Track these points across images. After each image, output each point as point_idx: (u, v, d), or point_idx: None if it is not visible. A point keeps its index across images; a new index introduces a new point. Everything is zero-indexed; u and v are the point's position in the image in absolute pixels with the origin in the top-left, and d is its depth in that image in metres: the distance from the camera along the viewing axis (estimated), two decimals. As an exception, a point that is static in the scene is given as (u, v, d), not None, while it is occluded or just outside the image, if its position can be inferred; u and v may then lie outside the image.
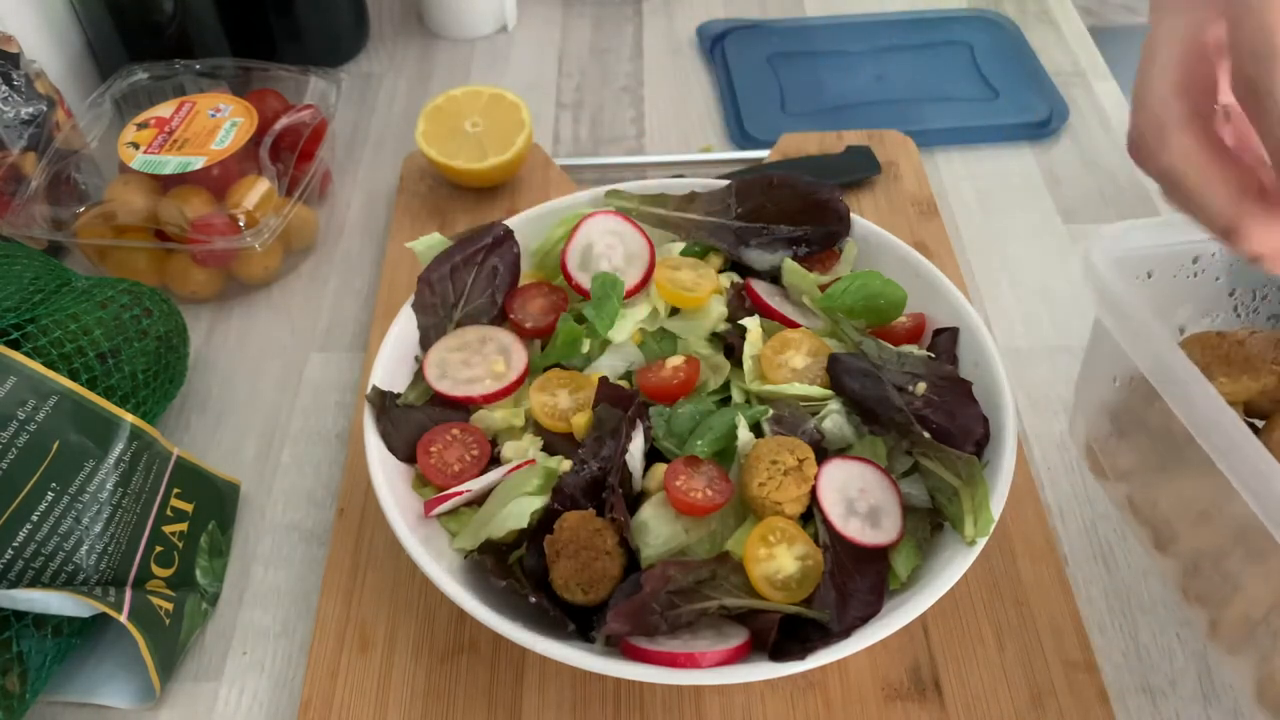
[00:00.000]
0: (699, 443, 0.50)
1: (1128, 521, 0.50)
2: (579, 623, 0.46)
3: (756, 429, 0.52)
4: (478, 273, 0.59)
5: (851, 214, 0.61)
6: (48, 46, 0.81)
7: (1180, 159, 0.36)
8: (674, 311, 0.59)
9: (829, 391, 0.53)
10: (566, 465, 0.50)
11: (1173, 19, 0.37)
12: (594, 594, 0.46)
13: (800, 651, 0.44)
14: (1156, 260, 0.45)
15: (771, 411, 0.52)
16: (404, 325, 0.57)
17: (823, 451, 0.51)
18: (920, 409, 0.51)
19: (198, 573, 0.56)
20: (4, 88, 0.70)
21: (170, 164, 0.69)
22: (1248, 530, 0.36)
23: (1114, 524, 0.58)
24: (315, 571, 0.58)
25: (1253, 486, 0.35)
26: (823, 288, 0.59)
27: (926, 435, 0.49)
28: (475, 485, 0.52)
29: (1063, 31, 0.96)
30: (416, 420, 0.54)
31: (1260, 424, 0.46)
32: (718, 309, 0.58)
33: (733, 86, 0.89)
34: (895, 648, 0.52)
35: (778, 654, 0.44)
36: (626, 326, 0.57)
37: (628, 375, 0.57)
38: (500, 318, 0.59)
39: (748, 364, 0.55)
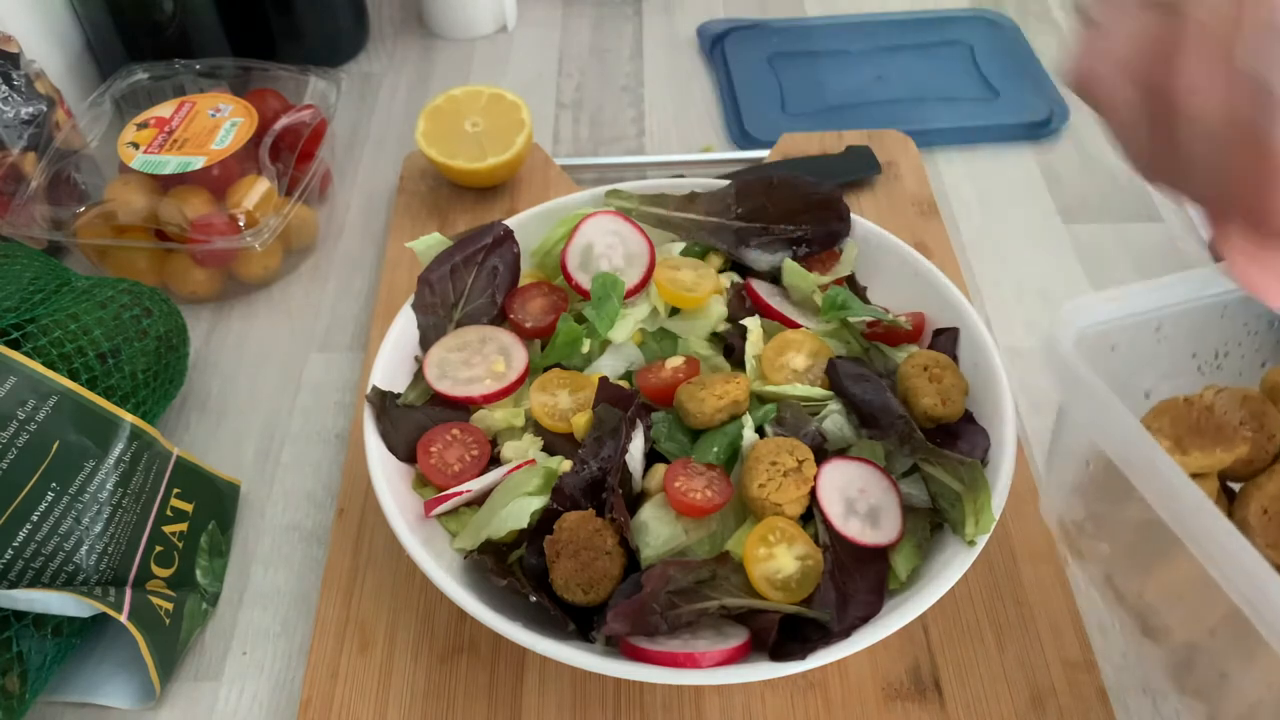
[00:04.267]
0: (714, 449, 0.50)
1: (1109, 607, 0.49)
2: (579, 623, 0.46)
3: (759, 429, 0.52)
4: (478, 273, 0.59)
5: (851, 214, 0.61)
6: (48, 46, 0.81)
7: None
8: (674, 311, 0.59)
9: (829, 392, 0.53)
10: (566, 465, 0.50)
11: None
12: (594, 594, 0.46)
13: (800, 651, 0.44)
14: (1120, 332, 0.44)
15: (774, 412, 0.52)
16: (404, 325, 0.57)
17: (823, 452, 0.51)
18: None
19: (198, 573, 0.56)
20: (4, 88, 0.70)
21: (170, 164, 0.69)
22: (1237, 622, 0.35)
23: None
24: (315, 571, 0.58)
25: (1233, 578, 0.34)
26: (823, 288, 0.59)
27: (928, 442, 0.49)
28: (475, 485, 0.52)
29: (1063, 31, 0.96)
30: (416, 420, 0.54)
31: (1237, 487, 0.46)
32: (718, 309, 0.58)
33: (733, 86, 0.89)
34: (895, 648, 0.52)
35: (778, 654, 0.44)
36: (626, 326, 0.57)
37: (628, 375, 0.57)
38: (500, 318, 0.60)
39: (749, 364, 0.55)
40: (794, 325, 0.57)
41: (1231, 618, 0.35)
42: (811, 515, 0.49)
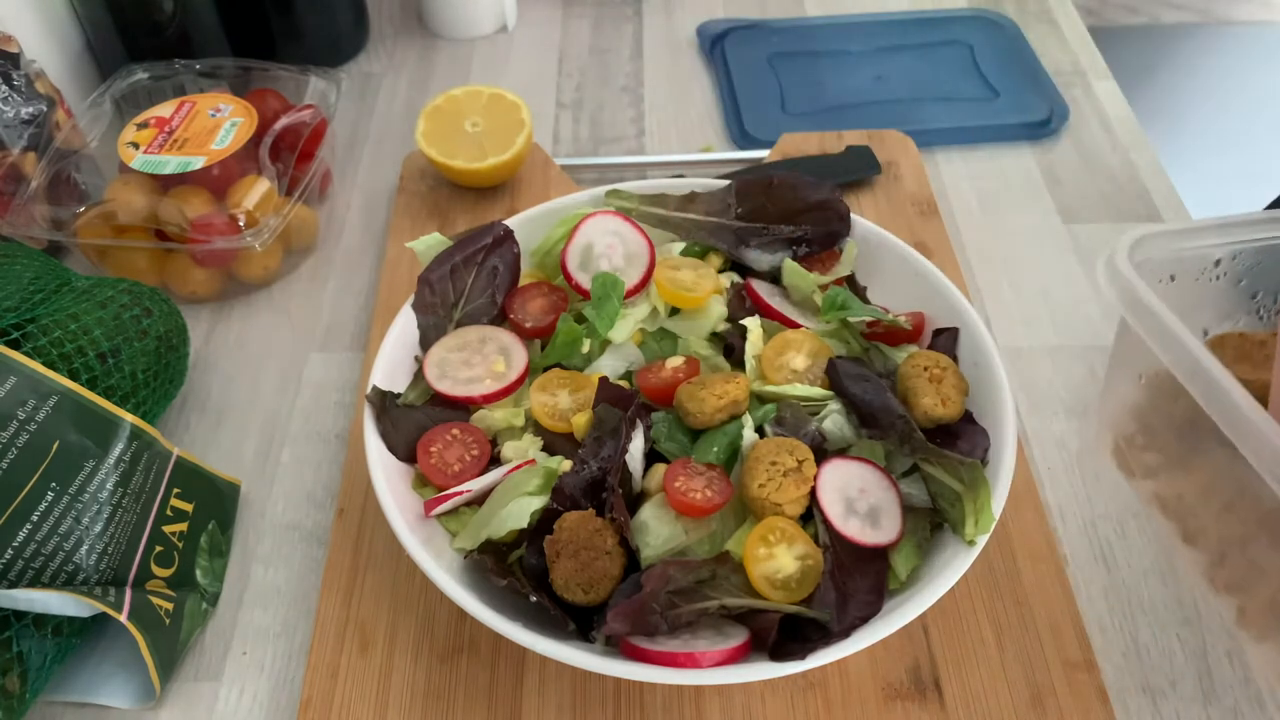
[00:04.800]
0: (714, 449, 0.50)
1: (1156, 518, 0.50)
2: (579, 623, 0.46)
3: (759, 429, 0.52)
4: (478, 272, 0.59)
5: (851, 214, 0.61)
6: (48, 46, 0.81)
7: None
8: (674, 311, 0.59)
9: (829, 392, 0.53)
10: (566, 465, 0.50)
11: None
12: (594, 594, 0.46)
13: (800, 651, 0.44)
14: (1177, 264, 0.45)
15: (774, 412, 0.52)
16: (404, 325, 0.57)
17: (822, 451, 0.51)
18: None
19: (198, 573, 0.56)
20: (4, 88, 0.70)
21: (170, 164, 0.69)
22: (1272, 515, 0.36)
23: (1114, 524, 0.58)
24: (315, 571, 0.58)
25: (1275, 470, 0.36)
26: (823, 288, 0.59)
27: (928, 442, 0.49)
28: (475, 485, 0.52)
29: (1063, 31, 0.96)
30: (416, 420, 0.54)
31: None
32: (718, 309, 0.58)
33: (733, 86, 0.89)
34: (895, 648, 0.52)
35: (778, 654, 0.44)
36: (626, 326, 0.57)
37: (628, 375, 0.57)
38: (500, 318, 0.60)
39: (749, 364, 0.55)
40: (794, 325, 0.57)
41: (1268, 510, 0.36)
42: (811, 515, 0.49)
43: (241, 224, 0.66)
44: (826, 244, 0.61)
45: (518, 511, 0.49)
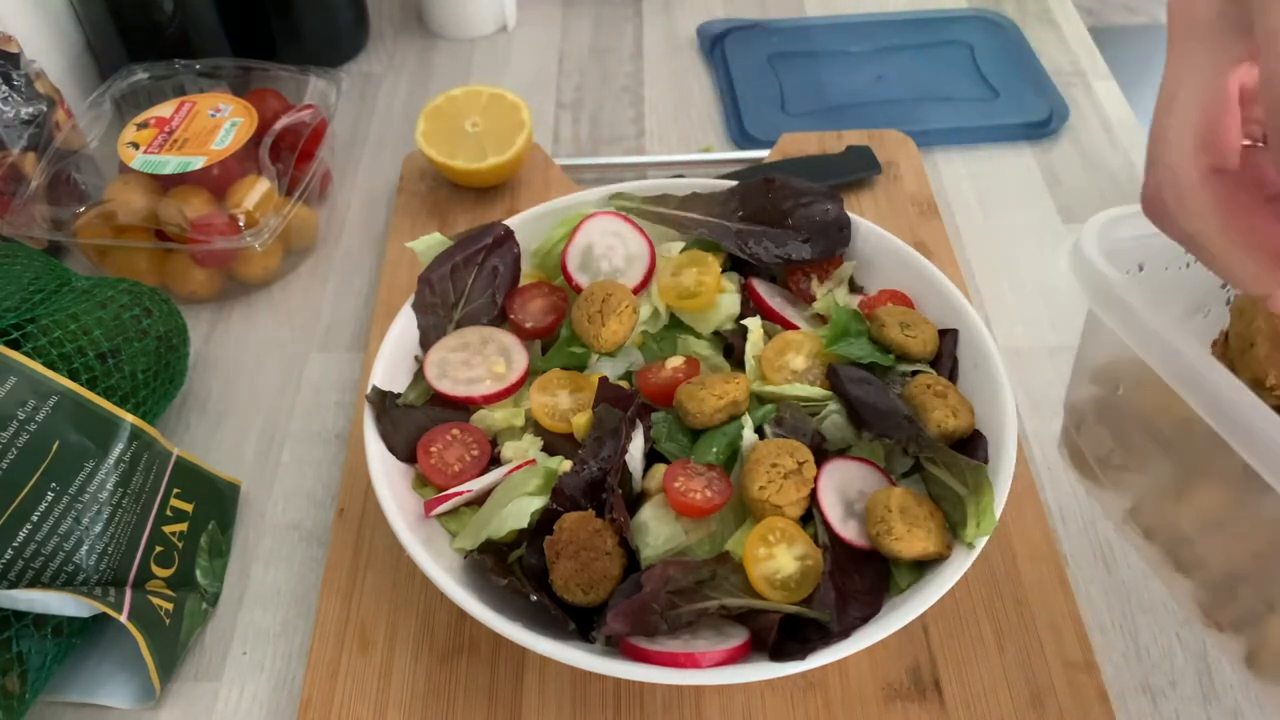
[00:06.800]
0: (714, 449, 0.50)
1: (1131, 540, 0.46)
2: (579, 623, 0.46)
3: (759, 429, 0.52)
4: (478, 273, 0.59)
5: (852, 215, 0.61)
6: (48, 46, 0.81)
7: (1202, 222, 0.32)
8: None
9: (829, 393, 0.53)
10: (566, 465, 0.50)
11: (1193, 58, 0.33)
12: (594, 594, 0.46)
13: (800, 651, 0.44)
14: (1147, 251, 0.41)
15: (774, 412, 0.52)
16: (404, 325, 0.57)
17: (822, 452, 0.51)
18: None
19: (198, 573, 0.56)
20: (4, 88, 0.70)
21: (170, 164, 0.69)
22: None
23: (1114, 524, 0.58)
24: (315, 571, 0.58)
25: None
26: (822, 277, 0.58)
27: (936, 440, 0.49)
28: (475, 485, 0.52)
29: (1063, 31, 0.96)
30: (416, 420, 0.54)
31: None
32: (729, 305, 0.57)
33: (733, 86, 0.89)
34: (895, 648, 0.52)
35: (778, 654, 0.44)
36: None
37: (628, 376, 0.57)
38: (500, 318, 0.59)
39: (749, 364, 0.55)
40: (793, 327, 0.57)
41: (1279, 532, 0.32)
42: (812, 515, 0.49)
43: (241, 224, 0.66)
44: (826, 253, 0.60)
45: (518, 512, 0.49)
